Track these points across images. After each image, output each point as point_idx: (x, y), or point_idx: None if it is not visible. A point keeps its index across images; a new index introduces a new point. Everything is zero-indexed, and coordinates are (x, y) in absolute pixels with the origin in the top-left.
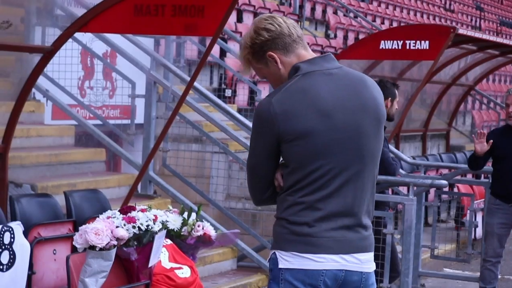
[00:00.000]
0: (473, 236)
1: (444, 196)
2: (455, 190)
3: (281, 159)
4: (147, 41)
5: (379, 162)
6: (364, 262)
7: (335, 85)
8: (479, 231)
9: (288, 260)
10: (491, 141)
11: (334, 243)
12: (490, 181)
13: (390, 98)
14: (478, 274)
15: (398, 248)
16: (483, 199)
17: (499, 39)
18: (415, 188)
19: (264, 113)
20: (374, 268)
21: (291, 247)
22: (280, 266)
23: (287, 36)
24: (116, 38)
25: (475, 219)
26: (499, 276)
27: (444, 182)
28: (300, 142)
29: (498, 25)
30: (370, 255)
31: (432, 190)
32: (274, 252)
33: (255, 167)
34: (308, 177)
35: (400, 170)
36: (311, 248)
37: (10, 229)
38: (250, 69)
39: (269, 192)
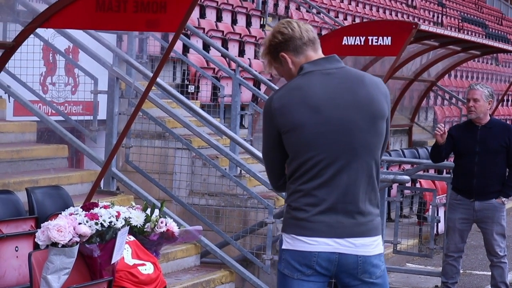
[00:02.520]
0: (435, 231)
1: (407, 192)
2: (418, 185)
3: None
4: (110, 37)
5: None
6: (359, 246)
7: (330, 84)
8: (441, 226)
9: (288, 242)
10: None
11: (327, 227)
12: (452, 176)
13: None
14: (440, 269)
15: None
16: (445, 195)
17: (460, 35)
18: None
19: (266, 108)
20: (378, 251)
21: (291, 230)
22: (283, 247)
23: (298, 39)
24: (78, 34)
25: (437, 214)
26: (461, 271)
27: (407, 177)
28: (293, 134)
29: (460, 21)
30: (368, 240)
31: (395, 186)
32: (281, 235)
33: (265, 155)
34: (303, 166)
35: None
36: (305, 231)
37: None
38: (271, 67)
39: (283, 179)
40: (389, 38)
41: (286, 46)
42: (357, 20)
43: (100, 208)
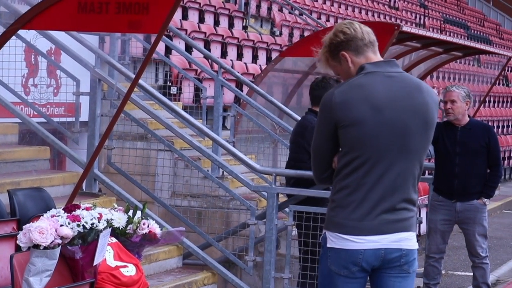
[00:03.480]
0: (417, 232)
1: None
2: None
3: None
4: (92, 38)
5: None
6: (402, 240)
7: (392, 86)
8: (423, 227)
9: (333, 240)
10: None
11: (373, 225)
12: (433, 177)
13: None
14: (422, 270)
15: None
16: (427, 196)
17: (442, 37)
18: None
19: (327, 102)
20: (417, 246)
21: (336, 228)
22: (328, 245)
23: (359, 40)
24: (60, 35)
25: (419, 215)
26: (443, 272)
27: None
28: (351, 129)
29: (442, 22)
30: (410, 234)
31: None
32: (325, 232)
33: (317, 147)
34: (354, 162)
35: None
36: (352, 230)
37: None
38: (327, 66)
39: (328, 173)
40: None
41: (347, 46)
42: (340, 22)
43: (82, 210)
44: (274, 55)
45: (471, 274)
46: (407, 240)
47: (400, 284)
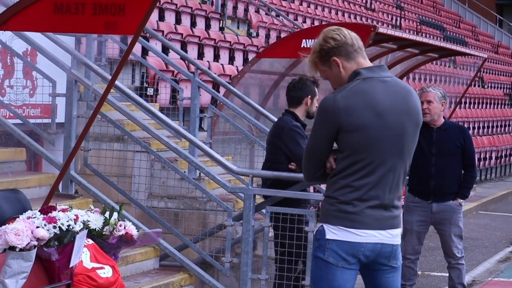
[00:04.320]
0: None
1: None
2: None
3: (334, 145)
4: (68, 40)
5: (299, 160)
6: (394, 236)
7: (388, 91)
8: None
9: (334, 233)
10: None
11: (374, 220)
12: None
13: (310, 96)
14: None
15: None
16: (403, 197)
17: (418, 38)
18: None
19: (329, 106)
20: (400, 241)
21: (338, 222)
22: (328, 237)
23: (350, 45)
24: (36, 37)
25: None
26: (419, 272)
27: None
28: (355, 134)
29: (418, 24)
30: (399, 230)
31: None
32: (322, 225)
33: (314, 148)
34: (357, 164)
35: None
36: (355, 224)
37: None
38: (316, 70)
39: (321, 172)
40: None
41: (338, 52)
42: (316, 23)
43: (58, 211)
44: (251, 56)
45: (447, 274)
46: (397, 236)
47: (393, 279)
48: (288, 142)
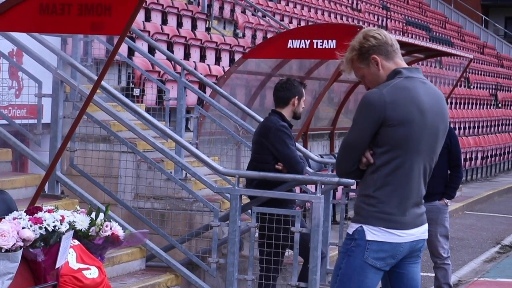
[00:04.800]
0: None
1: (352, 194)
2: None
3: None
4: (54, 40)
5: (285, 161)
6: (425, 231)
7: (428, 92)
8: None
9: (376, 234)
10: None
11: (412, 219)
12: None
13: (297, 97)
14: None
15: None
16: None
17: (404, 39)
18: (322, 186)
19: (375, 100)
20: None
21: (380, 223)
22: (368, 238)
23: (389, 45)
24: (22, 37)
25: None
26: None
27: (351, 180)
28: (400, 128)
29: (404, 24)
30: (427, 225)
31: (340, 188)
32: (361, 226)
33: (354, 141)
34: (395, 160)
35: (308, 168)
36: (396, 225)
37: None
38: (351, 68)
39: (356, 166)
40: (334, 41)
41: (378, 50)
42: (302, 24)
43: (44, 212)
44: (237, 57)
45: (433, 274)
46: (427, 231)
47: (417, 270)
48: (275, 142)
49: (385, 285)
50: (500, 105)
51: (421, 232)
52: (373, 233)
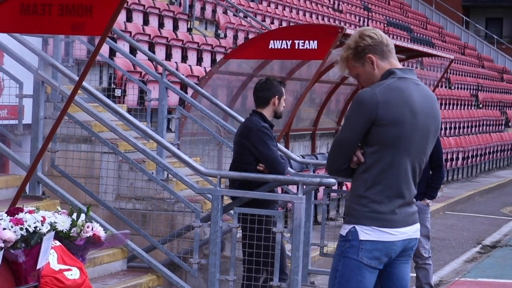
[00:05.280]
0: None
1: (333, 194)
2: (344, 188)
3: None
4: (35, 41)
5: (267, 161)
6: (417, 230)
7: (420, 94)
8: None
9: (369, 233)
10: None
11: (404, 218)
12: None
13: (277, 96)
14: None
15: (288, 246)
16: None
17: None
18: (304, 186)
19: (368, 99)
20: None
21: (372, 222)
22: (361, 238)
23: (385, 45)
24: (3, 37)
25: None
26: None
27: (333, 180)
28: (391, 128)
29: (385, 25)
30: (419, 224)
31: (321, 189)
32: (354, 226)
33: (345, 139)
34: (385, 159)
35: (290, 169)
36: (388, 223)
37: None
38: (345, 67)
39: (346, 165)
40: (315, 42)
41: (374, 50)
42: (284, 24)
43: (25, 213)
44: (218, 57)
45: (414, 275)
46: (419, 230)
47: (407, 270)
48: (257, 143)
49: (375, 283)
50: (481, 105)
51: (413, 231)
52: (366, 233)
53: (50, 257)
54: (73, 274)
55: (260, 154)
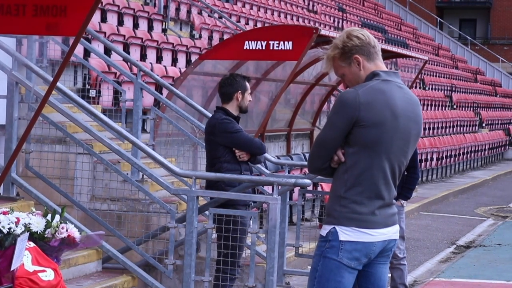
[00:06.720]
0: None
1: (308, 195)
2: (319, 189)
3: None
4: (9, 41)
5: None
6: (395, 232)
7: (403, 97)
8: None
9: (348, 234)
10: None
11: (383, 219)
12: None
13: (240, 91)
14: None
15: (263, 247)
16: None
17: None
18: (279, 187)
19: (350, 99)
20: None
21: (352, 223)
22: (341, 238)
23: (372, 47)
24: None
25: None
26: None
27: (308, 181)
28: (371, 130)
29: (360, 26)
30: (398, 225)
31: (297, 189)
32: (334, 227)
33: (326, 139)
34: (366, 160)
35: (265, 170)
36: (368, 224)
37: None
38: (331, 66)
39: (327, 164)
40: (290, 42)
41: (361, 51)
42: (259, 25)
43: None
44: (193, 58)
45: (389, 275)
46: (398, 231)
47: (385, 270)
48: (222, 134)
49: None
50: (455, 106)
51: (392, 232)
52: (346, 234)
53: (24, 258)
54: (48, 275)
55: (231, 142)
